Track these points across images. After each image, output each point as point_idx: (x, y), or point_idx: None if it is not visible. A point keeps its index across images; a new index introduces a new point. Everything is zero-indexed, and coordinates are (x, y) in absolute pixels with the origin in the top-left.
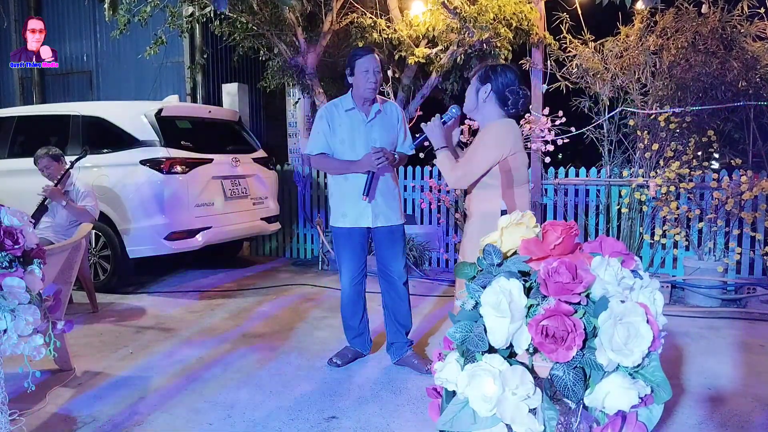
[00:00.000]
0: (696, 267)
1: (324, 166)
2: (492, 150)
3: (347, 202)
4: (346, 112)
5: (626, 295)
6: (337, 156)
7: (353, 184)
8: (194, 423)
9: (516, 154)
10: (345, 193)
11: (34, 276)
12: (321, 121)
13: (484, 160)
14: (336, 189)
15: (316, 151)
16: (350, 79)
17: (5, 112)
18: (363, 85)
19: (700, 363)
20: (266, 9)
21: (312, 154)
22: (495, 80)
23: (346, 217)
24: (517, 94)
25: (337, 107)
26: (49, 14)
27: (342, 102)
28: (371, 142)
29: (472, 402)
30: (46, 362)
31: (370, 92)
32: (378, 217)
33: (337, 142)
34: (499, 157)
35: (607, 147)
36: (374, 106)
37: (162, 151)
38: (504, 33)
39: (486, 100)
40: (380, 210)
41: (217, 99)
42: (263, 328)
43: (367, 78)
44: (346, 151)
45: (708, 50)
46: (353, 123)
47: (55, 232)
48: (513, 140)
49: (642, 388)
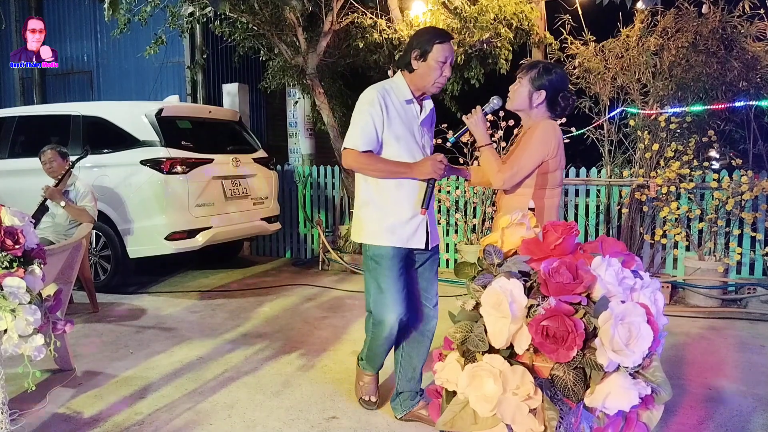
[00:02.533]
0: (696, 267)
1: (372, 167)
2: (539, 151)
3: (399, 216)
4: (403, 103)
5: (627, 295)
6: (386, 155)
7: (409, 193)
8: (194, 423)
9: (557, 156)
10: (397, 204)
11: (35, 276)
12: (374, 108)
13: (531, 160)
14: (380, 198)
15: (365, 147)
16: (416, 63)
17: (6, 112)
18: (434, 77)
19: (700, 363)
20: (267, 9)
21: (357, 149)
22: (550, 86)
23: (395, 234)
24: (567, 99)
25: (391, 94)
26: (49, 14)
27: (398, 89)
28: (421, 144)
29: (473, 402)
30: (46, 362)
31: (438, 87)
32: (431, 234)
33: (391, 138)
34: (544, 157)
35: (608, 147)
36: (427, 101)
37: (162, 151)
38: (504, 33)
39: (538, 105)
40: (431, 227)
41: (217, 99)
42: (263, 328)
43: (443, 70)
44: (401, 152)
45: (708, 50)
46: (409, 118)
47: (55, 232)
48: (556, 142)
49: (642, 389)
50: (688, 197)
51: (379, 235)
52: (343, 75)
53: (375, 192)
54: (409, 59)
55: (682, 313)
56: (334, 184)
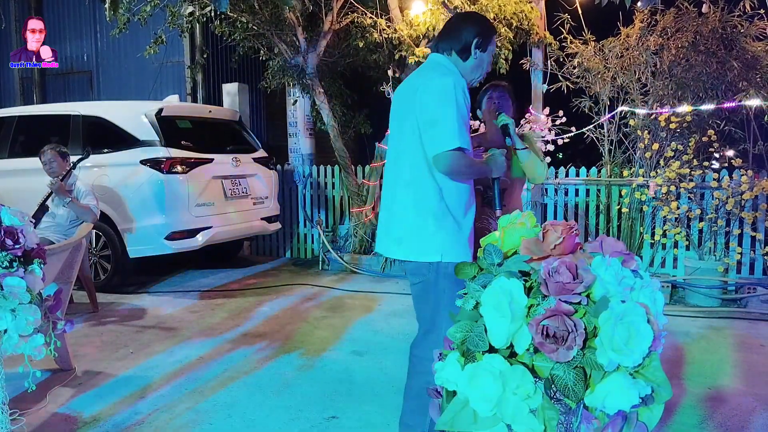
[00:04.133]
0: (696, 267)
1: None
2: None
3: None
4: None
5: (627, 295)
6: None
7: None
8: (195, 422)
9: None
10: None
11: (35, 276)
12: (460, 95)
13: None
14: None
15: (458, 144)
16: (477, 53)
17: (6, 112)
18: (483, 70)
19: (700, 363)
20: (266, 9)
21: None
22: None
23: (468, 247)
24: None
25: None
26: (49, 14)
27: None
28: None
29: (473, 402)
30: (46, 362)
31: (478, 82)
32: None
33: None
34: None
35: (608, 147)
36: None
37: (162, 151)
38: (504, 33)
39: None
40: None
41: (217, 99)
42: (264, 328)
43: (490, 61)
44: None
45: (708, 50)
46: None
47: (55, 232)
48: None
49: (642, 388)
50: (688, 197)
51: (452, 248)
52: (342, 74)
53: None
54: (469, 46)
55: (682, 313)
56: (334, 183)
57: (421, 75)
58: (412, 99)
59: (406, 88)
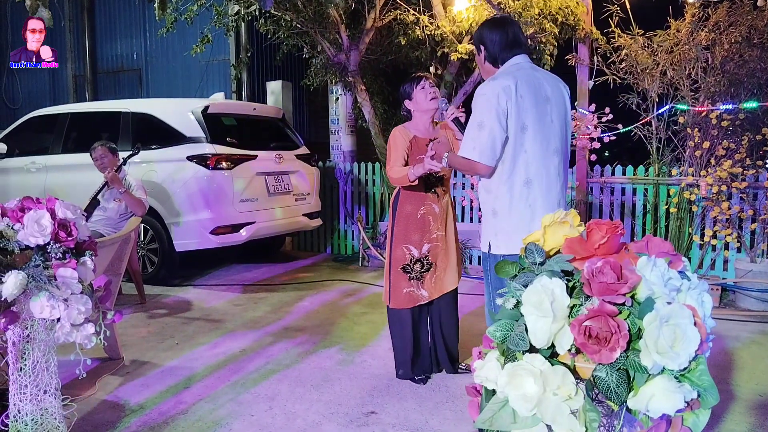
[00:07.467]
0: (748, 269)
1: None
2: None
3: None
4: None
5: (673, 297)
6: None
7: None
8: (236, 413)
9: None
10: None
11: (86, 267)
12: None
13: None
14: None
15: None
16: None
17: (60, 109)
18: None
19: (751, 368)
20: (310, 7)
21: None
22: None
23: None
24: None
25: None
26: (100, 14)
27: None
28: None
29: (512, 401)
30: (96, 350)
31: None
32: None
33: None
34: None
35: (656, 145)
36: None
37: (208, 148)
38: (549, 28)
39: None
40: None
41: (261, 96)
42: (304, 322)
43: None
44: None
45: (764, 45)
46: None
47: (105, 226)
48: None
49: (688, 392)
50: (741, 197)
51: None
52: (384, 72)
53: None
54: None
55: (732, 317)
56: (375, 180)
57: (550, 78)
58: (566, 104)
59: (553, 87)
